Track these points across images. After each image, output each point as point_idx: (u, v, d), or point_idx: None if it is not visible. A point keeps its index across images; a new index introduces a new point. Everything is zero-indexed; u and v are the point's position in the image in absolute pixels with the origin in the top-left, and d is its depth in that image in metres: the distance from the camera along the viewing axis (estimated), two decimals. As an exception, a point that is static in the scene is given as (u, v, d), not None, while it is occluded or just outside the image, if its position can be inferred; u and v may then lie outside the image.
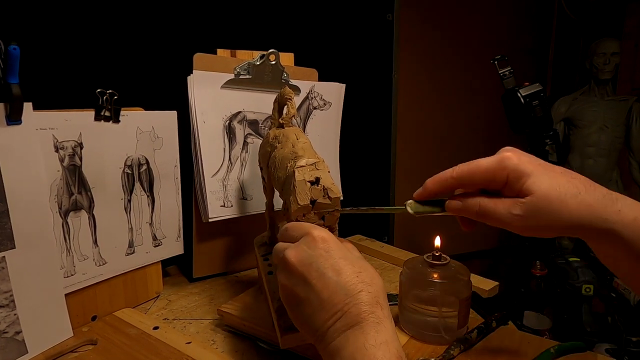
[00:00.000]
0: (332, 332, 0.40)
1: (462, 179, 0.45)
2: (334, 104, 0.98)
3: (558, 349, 0.59)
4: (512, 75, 1.21)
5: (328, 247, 0.43)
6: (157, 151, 0.75)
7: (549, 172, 0.42)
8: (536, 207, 0.41)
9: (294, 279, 0.43)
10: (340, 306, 0.40)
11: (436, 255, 0.65)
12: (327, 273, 0.42)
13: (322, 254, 0.43)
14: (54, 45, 0.78)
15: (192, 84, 0.78)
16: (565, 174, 0.42)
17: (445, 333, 0.63)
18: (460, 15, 2.20)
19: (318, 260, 0.42)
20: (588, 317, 1.59)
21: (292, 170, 0.53)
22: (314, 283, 0.42)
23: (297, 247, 0.44)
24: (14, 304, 0.57)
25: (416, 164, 2.11)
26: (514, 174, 0.42)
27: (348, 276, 0.41)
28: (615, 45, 2.08)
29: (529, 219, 0.42)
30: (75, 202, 0.65)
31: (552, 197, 0.40)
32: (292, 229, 0.47)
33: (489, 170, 0.43)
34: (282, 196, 0.57)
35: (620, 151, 2.12)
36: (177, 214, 0.81)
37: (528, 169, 0.42)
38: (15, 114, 0.55)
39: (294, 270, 0.43)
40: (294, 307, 0.44)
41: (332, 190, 0.50)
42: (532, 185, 0.41)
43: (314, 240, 0.44)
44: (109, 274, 0.71)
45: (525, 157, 0.43)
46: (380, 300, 0.41)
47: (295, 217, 0.51)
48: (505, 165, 0.42)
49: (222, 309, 0.69)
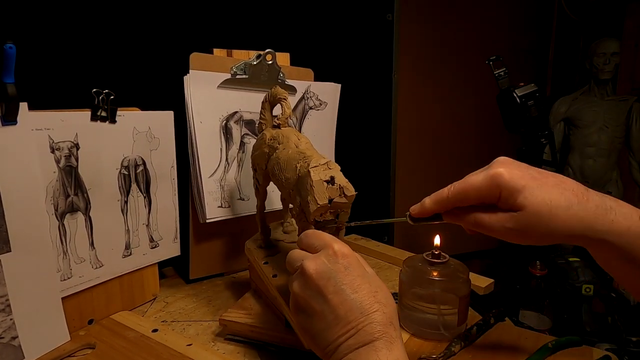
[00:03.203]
0: (344, 349, 0.41)
1: (457, 198, 0.46)
2: (329, 104, 0.97)
3: (555, 343, 0.61)
4: (507, 75, 1.22)
5: (348, 263, 0.44)
6: (153, 152, 0.75)
7: (541, 185, 0.43)
8: (528, 221, 0.42)
9: (310, 291, 0.43)
10: (355, 324, 0.41)
11: (435, 253, 0.66)
12: (345, 290, 0.42)
13: (341, 269, 0.43)
14: (50, 45, 0.77)
15: (188, 83, 0.78)
16: (558, 186, 0.43)
17: (445, 330, 0.64)
18: (460, 15, 2.19)
19: (337, 275, 0.43)
20: (588, 317, 1.58)
21: (306, 171, 0.53)
22: (331, 298, 0.42)
23: (316, 259, 0.44)
24: (9, 308, 0.56)
25: (416, 164, 2.11)
26: (506, 191, 0.43)
27: (365, 295, 0.42)
28: (615, 45, 2.08)
29: (522, 232, 0.43)
30: (71, 203, 0.65)
31: (543, 211, 0.42)
32: (312, 237, 0.47)
33: (482, 188, 0.44)
34: (294, 197, 0.57)
35: (620, 151, 2.11)
36: (174, 215, 0.80)
37: (519, 185, 0.43)
38: (10, 114, 0.55)
39: (310, 283, 0.43)
40: (305, 318, 0.44)
41: (347, 188, 0.52)
42: (524, 200, 0.42)
43: (334, 254, 0.44)
44: (105, 277, 0.70)
45: (517, 171, 0.44)
46: (393, 321, 0.42)
47: (314, 217, 0.53)
48: (498, 183, 0.43)
49: (225, 318, 0.67)
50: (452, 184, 0.47)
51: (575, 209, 0.42)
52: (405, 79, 1.44)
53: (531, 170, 0.44)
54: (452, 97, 2.23)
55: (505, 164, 0.45)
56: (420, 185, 0.51)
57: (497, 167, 0.44)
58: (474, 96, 2.22)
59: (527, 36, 2.43)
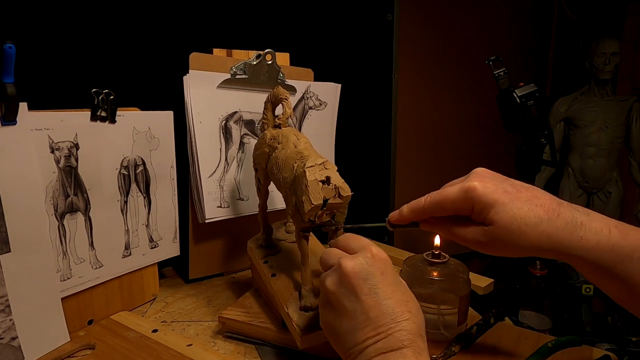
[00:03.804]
0: (372, 351, 0.41)
1: (433, 208, 0.48)
2: (329, 104, 0.97)
3: (555, 343, 0.61)
4: (506, 75, 1.22)
5: (385, 268, 0.44)
6: (153, 152, 0.75)
7: (513, 200, 0.44)
8: (497, 236, 0.44)
9: (344, 288, 0.43)
10: (385, 328, 0.41)
11: (435, 253, 0.66)
12: (379, 293, 0.42)
13: (378, 273, 0.43)
14: (50, 45, 0.77)
15: (188, 83, 0.78)
16: (530, 201, 0.44)
17: (445, 330, 0.64)
18: (460, 15, 2.19)
19: (373, 278, 0.43)
20: (588, 317, 1.58)
21: (302, 171, 0.53)
22: (364, 299, 0.42)
23: (354, 259, 0.44)
24: (9, 309, 0.56)
25: (416, 163, 2.11)
26: (478, 205, 0.44)
27: (397, 302, 0.42)
28: (615, 45, 2.08)
29: (492, 245, 0.45)
30: (71, 204, 0.65)
31: (512, 228, 0.43)
32: (351, 239, 0.48)
33: (456, 201, 0.46)
34: (290, 197, 0.57)
35: (620, 151, 2.11)
36: (174, 215, 0.80)
37: (491, 200, 0.44)
38: (10, 114, 0.55)
39: (346, 281, 0.43)
40: (334, 315, 0.44)
41: (343, 188, 0.52)
42: (495, 216, 0.43)
43: (372, 257, 0.44)
44: (105, 277, 0.70)
45: (491, 185, 0.45)
46: (422, 332, 0.42)
47: (309, 217, 0.53)
48: (470, 197, 0.45)
49: (223, 316, 0.68)
50: (429, 194, 0.48)
51: (544, 225, 0.43)
52: (405, 79, 1.44)
53: (505, 184, 0.45)
54: (452, 97, 2.23)
55: (480, 177, 0.46)
56: (420, 186, 0.51)
57: (473, 179, 0.45)
58: (474, 96, 2.22)
59: (527, 36, 2.42)
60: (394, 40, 1.27)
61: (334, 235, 0.58)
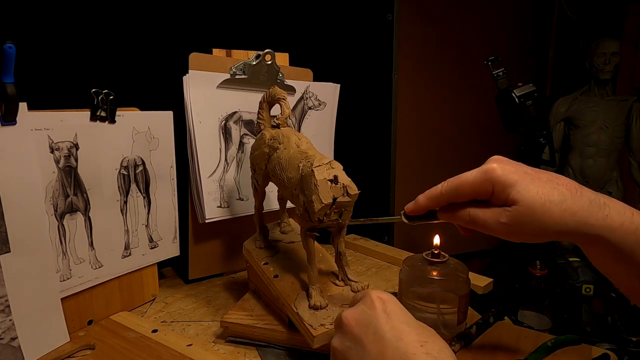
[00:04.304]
0: None
1: (451, 194, 0.46)
2: (328, 104, 0.97)
3: (554, 342, 0.61)
4: (505, 75, 1.22)
5: (390, 308, 0.40)
6: (153, 152, 0.75)
7: (534, 180, 0.42)
8: (521, 216, 0.42)
9: (348, 341, 0.40)
10: None
11: (435, 253, 0.66)
12: (386, 336, 0.38)
13: (381, 314, 0.39)
14: (49, 45, 0.77)
15: (187, 83, 0.78)
16: (551, 181, 0.43)
17: (445, 329, 0.64)
18: (460, 15, 2.20)
19: (377, 321, 0.39)
20: (588, 317, 1.58)
21: (309, 170, 0.54)
22: (370, 348, 0.38)
23: (355, 308, 0.42)
24: (9, 309, 0.56)
25: (416, 164, 2.11)
26: (499, 185, 0.43)
27: (410, 344, 0.37)
28: (615, 45, 2.08)
29: (515, 227, 0.43)
30: (71, 204, 0.65)
31: (536, 206, 0.41)
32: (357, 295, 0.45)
33: (475, 183, 0.44)
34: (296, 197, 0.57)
35: (620, 151, 2.11)
36: (173, 215, 0.80)
37: (512, 179, 0.43)
38: (10, 114, 0.55)
39: (348, 331, 0.40)
40: None
41: (351, 187, 0.53)
42: (517, 195, 0.42)
43: (372, 300, 0.41)
44: (105, 277, 0.70)
45: (510, 167, 0.44)
46: None
47: (318, 216, 0.53)
48: (490, 177, 0.43)
49: (226, 320, 0.67)
50: (447, 180, 0.47)
51: (569, 203, 0.41)
52: (405, 79, 1.44)
53: (524, 167, 0.44)
54: (452, 97, 2.23)
55: (499, 161, 0.45)
56: (420, 185, 0.51)
57: (491, 163, 0.45)
58: (474, 96, 2.22)
59: (527, 36, 2.43)
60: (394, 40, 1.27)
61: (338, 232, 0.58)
